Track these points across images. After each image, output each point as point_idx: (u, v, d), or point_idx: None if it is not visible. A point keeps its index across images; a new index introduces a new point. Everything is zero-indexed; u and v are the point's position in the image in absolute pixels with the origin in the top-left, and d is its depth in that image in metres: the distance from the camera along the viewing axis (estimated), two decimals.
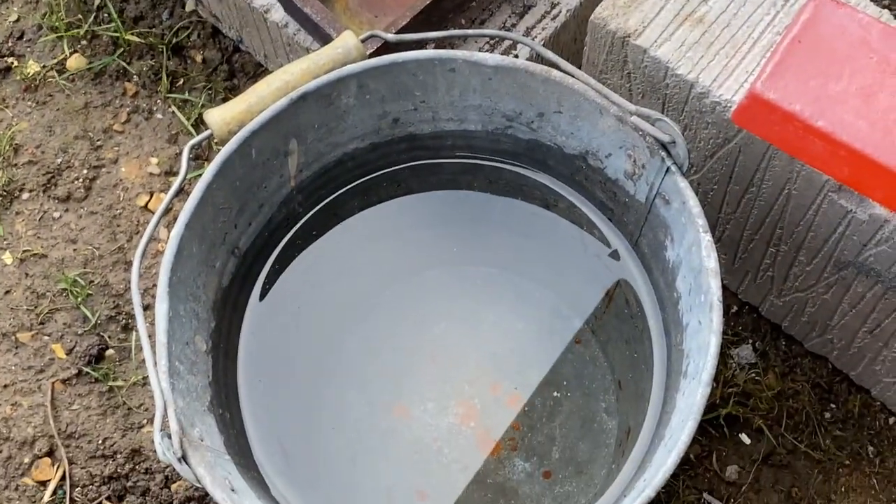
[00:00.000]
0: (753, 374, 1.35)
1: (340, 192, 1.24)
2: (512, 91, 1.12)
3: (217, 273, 1.13)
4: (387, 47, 1.17)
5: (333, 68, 1.10)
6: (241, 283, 1.18)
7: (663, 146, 1.03)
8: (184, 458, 0.93)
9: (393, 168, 1.25)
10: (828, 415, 1.34)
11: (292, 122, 1.11)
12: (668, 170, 1.04)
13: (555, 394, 1.17)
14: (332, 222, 1.24)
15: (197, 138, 1.09)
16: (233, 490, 0.97)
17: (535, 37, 1.31)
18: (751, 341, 1.38)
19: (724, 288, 1.36)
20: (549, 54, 1.08)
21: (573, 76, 1.07)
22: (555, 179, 1.23)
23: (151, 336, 0.97)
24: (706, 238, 0.99)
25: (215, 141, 1.08)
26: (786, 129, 0.97)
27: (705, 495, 1.30)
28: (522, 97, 1.13)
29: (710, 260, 0.99)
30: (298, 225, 1.23)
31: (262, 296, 1.20)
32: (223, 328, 1.14)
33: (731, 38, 1.13)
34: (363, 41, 1.12)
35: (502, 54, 1.26)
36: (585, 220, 1.22)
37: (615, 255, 1.20)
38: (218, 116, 1.08)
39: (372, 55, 1.15)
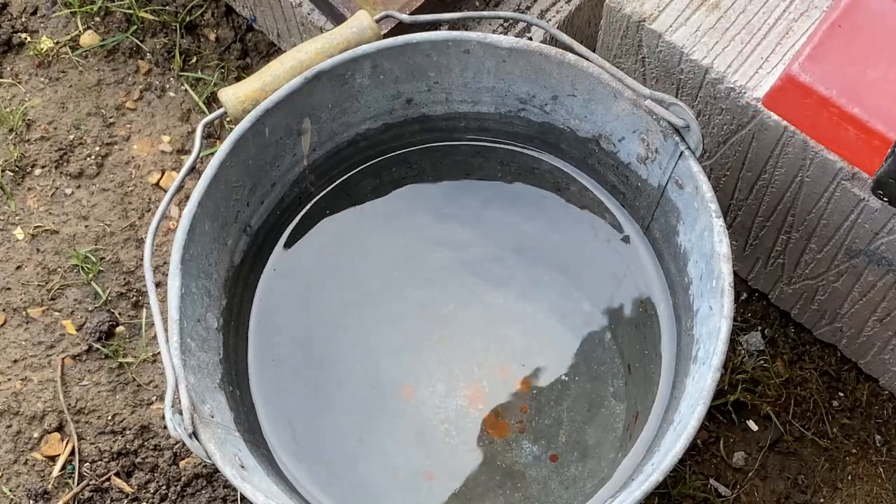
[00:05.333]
0: (762, 362, 1.35)
1: (353, 172, 1.24)
2: (526, 73, 1.12)
3: (229, 251, 1.13)
4: (401, 28, 1.17)
5: (348, 48, 1.10)
6: (253, 261, 1.19)
7: (677, 131, 1.03)
8: (194, 435, 0.94)
9: (405, 149, 1.25)
10: (835, 403, 1.34)
11: (306, 101, 1.11)
12: (681, 154, 1.04)
13: (563, 377, 1.17)
14: (344, 202, 1.25)
15: (211, 116, 1.09)
16: (242, 467, 0.98)
17: (550, 19, 1.30)
18: (760, 328, 1.38)
19: (735, 275, 1.35)
20: (564, 37, 1.08)
21: (588, 59, 1.07)
22: (567, 163, 1.23)
23: (163, 313, 0.97)
24: (718, 223, 0.99)
25: (228, 119, 1.08)
26: (819, 114, 0.95)
27: (712, 481, 1.31)
28: (536, 80, 1.12)
29: (722, 245, 0.99)
30: (310, 204, 1.23)
31: (273, 274, 1.21)
32: (234, 306, 1.15)
33: (747, 24, 1.12)
34: (377, 21, 1.12)
35: (517, 36, 1.26)
36: (597, 204, 1.22)
37: (626, 239, 1.20)
38: (232, 94, 1.08)
39: (386, 35, 1.15)
